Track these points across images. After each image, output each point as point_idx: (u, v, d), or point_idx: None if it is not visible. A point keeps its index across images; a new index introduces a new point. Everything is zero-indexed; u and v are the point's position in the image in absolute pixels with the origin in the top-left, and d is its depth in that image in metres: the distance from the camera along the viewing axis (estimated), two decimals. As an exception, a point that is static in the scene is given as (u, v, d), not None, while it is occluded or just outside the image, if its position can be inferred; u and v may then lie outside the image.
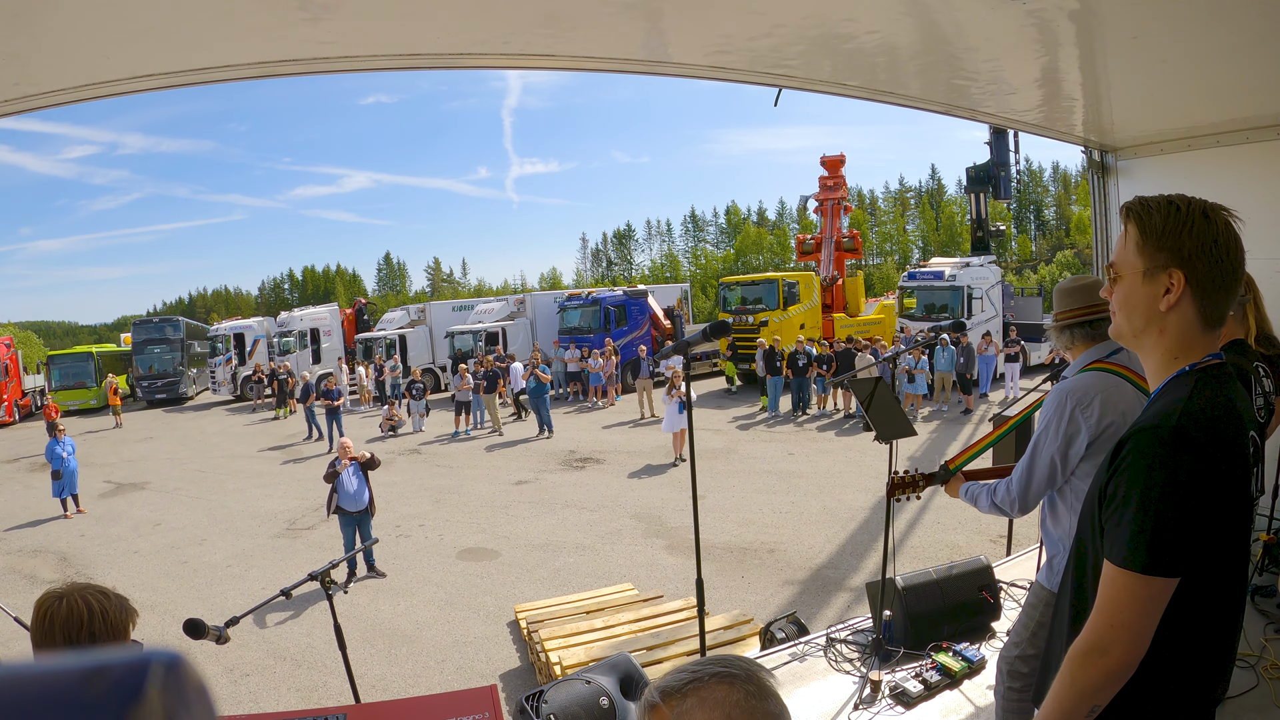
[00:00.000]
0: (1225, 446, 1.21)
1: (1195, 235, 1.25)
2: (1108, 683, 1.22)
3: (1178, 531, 1.17)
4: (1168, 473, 1.18)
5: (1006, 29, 2.51)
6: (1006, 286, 21.35)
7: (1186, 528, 1.17)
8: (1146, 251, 1.27)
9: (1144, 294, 1.28)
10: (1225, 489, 1.20)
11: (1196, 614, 1.24)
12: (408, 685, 5.12)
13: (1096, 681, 1.22)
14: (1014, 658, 2.41)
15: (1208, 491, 1.18)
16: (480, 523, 9.05)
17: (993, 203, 16.61)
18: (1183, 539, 1.17)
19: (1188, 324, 1.26)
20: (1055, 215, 60.23)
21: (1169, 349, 1.29)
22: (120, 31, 2.02)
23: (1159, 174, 4.13)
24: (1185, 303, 1.25)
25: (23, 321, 62.08)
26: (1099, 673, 1.21)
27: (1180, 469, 1.17)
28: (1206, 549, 1.20)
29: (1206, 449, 1.18)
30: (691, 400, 2.92)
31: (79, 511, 10.80)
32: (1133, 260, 1.29)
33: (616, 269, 68.44)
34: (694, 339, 2.60)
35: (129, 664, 0.31)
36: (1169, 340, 1.28)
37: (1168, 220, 1.27)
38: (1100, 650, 1.21)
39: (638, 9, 2.34)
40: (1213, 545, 1.21)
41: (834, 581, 6.55)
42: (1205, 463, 1.18)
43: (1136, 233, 1.29)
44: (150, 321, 29.54)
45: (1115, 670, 1.20)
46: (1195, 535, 1.18)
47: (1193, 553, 1.18)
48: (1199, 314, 1.26)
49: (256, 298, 69.41)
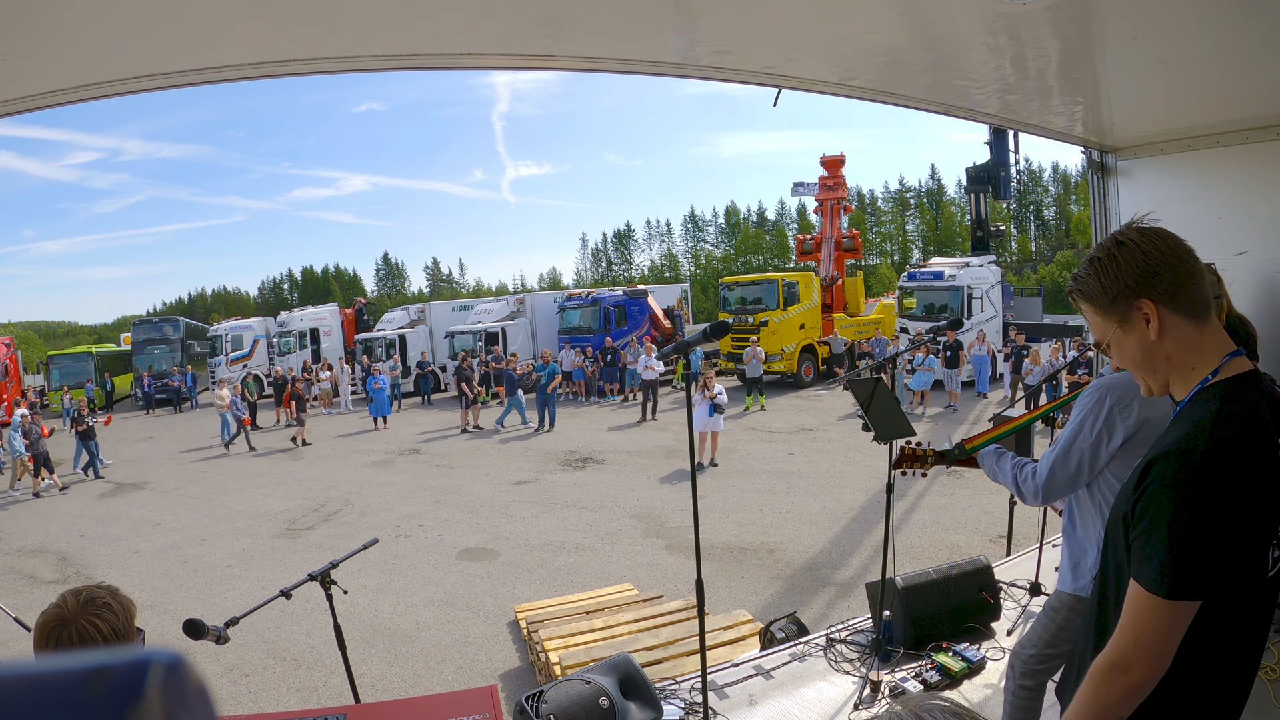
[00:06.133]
0: (1255, 466, 1.20)
1: (1127, 265, 1.31)
2: (1130, 698, 1.25)
3: (1204, 559, 1.18)
4: (1195, 500, 1.18)
5: (1006, 29, 2.51)
6: (1006, 286, 21.38)
7: (1212, 554, 1.19)
8: (1108, 310, 1.34)
9: (1134, 341, 1.33)
10: (1253, 511, 1.21)
11: (1220, 633, 1.26)
12: (408, 685, 5.12)
13: (1119, 697, 1.25)
14: (1030, 656, 2.40)
15: (1234, 516, 1.19)
16: (480, 523, 9.05)
17: (993, 203, 16.57)
18: (1208, 566, 1.19)
19: (1182, 332, 1.29)
20: (1055, 215, 60.18)
21: (1183, 363, 1.31)
22: (120, 31, 2.02)
23: (1159, 174, 4.12)
24: (1167, 318, 1.29)
25: (24, 322, 62.27)
26: (1121, 689, 1.25)
27: (1207, 497, 1.18)
28: (1232, 572, 1.21)
29: (1234, 474, 1.19)
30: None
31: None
32: (1104, 325, 1.36)
33: (616, 269, 68.45)
34: (694, 339, 2.59)
35: (129, 664, 0.31)
36: (1178, 357, 1.31)
37: (1101, 275, 1.34)
38: (1124, 668, 1.24)
39: (638, 9, 2.34)
40: (1238, 568, 1.22)
41: (834, 581, 6.55)
42: (1233, 488, 1.18)
43: (1089, 305, 1.38)
44: (150, 321, 29.59)
45: (1137, 687, 1.24)
46: (1221, 561, 1.19)
47: (1218, 577, 1.20)
48: (1184, 317, 1.29)
49: (256, 298, 69.42)
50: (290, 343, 24.76)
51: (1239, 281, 3.31)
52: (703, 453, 11.16)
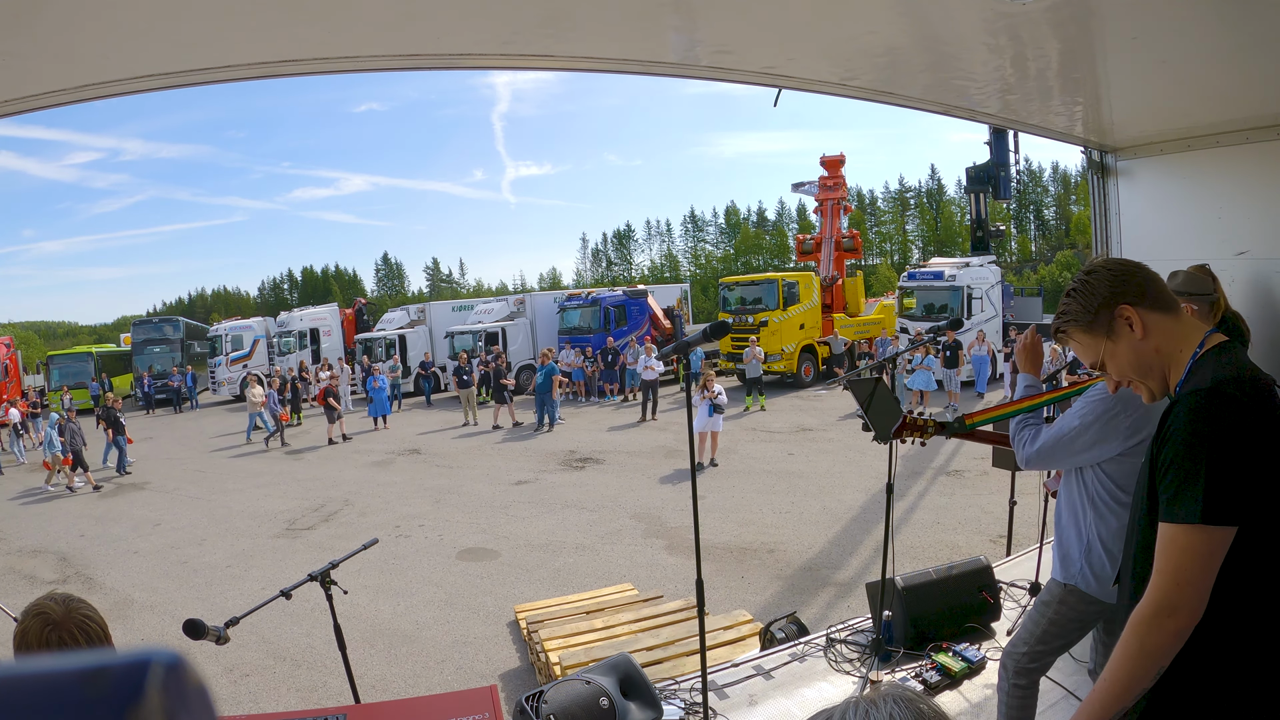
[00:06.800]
0: (1261, 402, 1.29)
1: (1100, 284, 1.47)
2: (1177, 642, 1.26)
3: (1230, 479, 1.24)
4: (1212, 425, 1.26)
5: (1006, 29, 2.51)
6: (1006, 286, 21.36)
7: (1238, 475, 1.24)
8: (1093, 327, 1.49)
9: (1125, 347, 1.46)
10: (1269, 440, 1.27)
11: (1264, 573, 1.28)
12: (408, 685, 5.12)
13: (1167, 643, 1.26)
14: (1022, 655, 2.40)
15: (1253, 441, 1.25)
16: (480, 523, 9.05)
17: (993, 203, 16.57)
18: (1236, 487, 1.24)
19: (1163, 326, 1.43)
20: (1055, 215, 60.14)
21: (1171, 352, 1.43)
22: (121, 31, 2.02)
23: (1159, 174, 4.12)
24: (1147, 316, 1.43)
25: (24, 322, 62.23)
26: (1168, 634, 1.26)
27: (1223, 420, 1.26)
28: (1262, 500, 1.25)
29: (1244, 403, 1.27)
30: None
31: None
32: (1094, 342, 1.50)
33: (616, 269, 68.42)
34: (694, 339, 2.59)
35: (129, 664, 0.31)
36: (1166, 347, 1.44)
37: (1080, 298, 1.51)
38: (1169, 611, 1.25)
39: (638, 9, 2.34)
40: (1268, 497, 1.26)
41: (834, 581, 6.55)
42: (1246, 415, 1.26)
43: (1077, 330, 1.52)
44: (150, 321, 29.60)
45: (1184, 628, 1.25)
46: (1248, 484, 1.24)
47: (1248, 501, 1.24)
48: (1161, 312, 1.44)
49: (256, 298, 69.37)
50: (290, 343, 24.75)
51: (1238, 281, 3.31)
52: (703, 453, 11.15)
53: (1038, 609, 2.43)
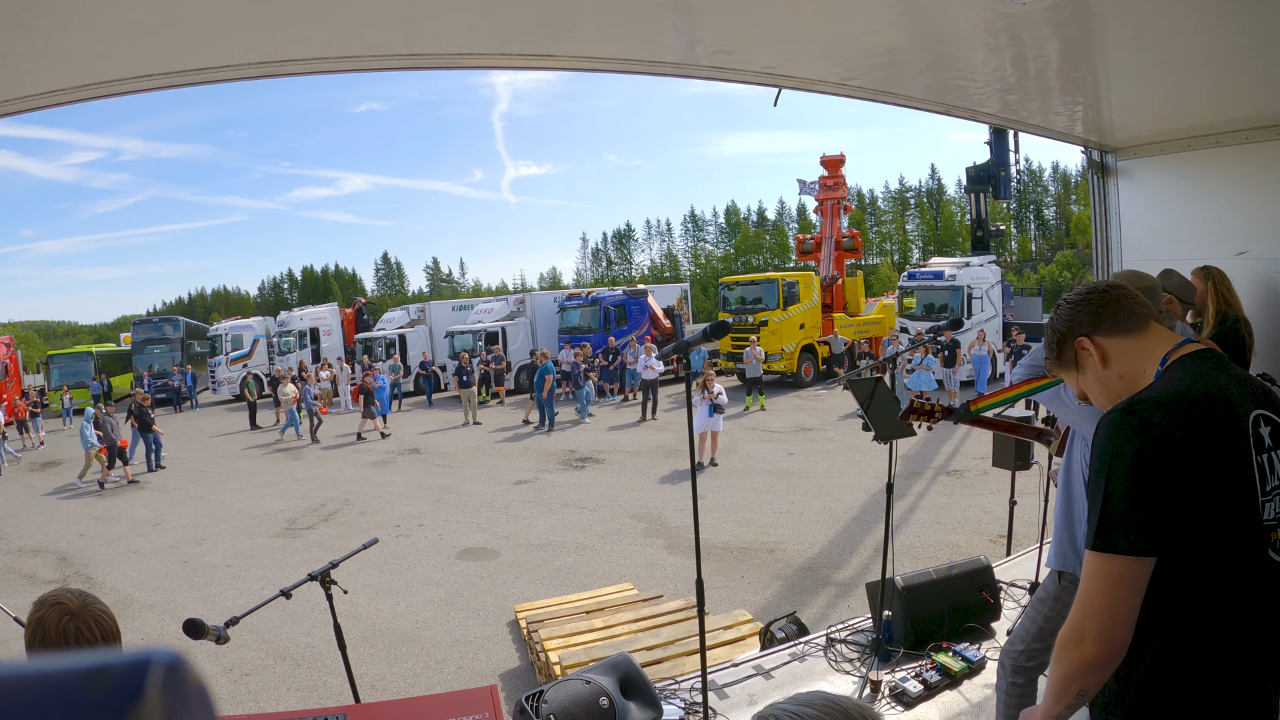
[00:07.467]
0: (1193, 423, 1.22)
1: (1057, 320, 1.49)
2: (1085, 671, 1.23)
3: (1133, 508, 1.19)
4: (1115, 452, 1.22)
5: (1006, 29, 2.51)
6: (1006, 286, 21.36)
7: (1142, 504, 1.18)
8: (1062, 363, 1.50)
9: (1091, 377, 1.46)
10: (1196, 466, 1.20)
11: (1202, 604, 1.22)
12: (408, 685, 5.12)
13: (1074, 669, 1.23)
14: (1019, 653, 2.41)
15: (1167, 468, 1.19)
16: (480, 523, 9.05)
17: (993, 203, 16.59)
18: (1133, 513, 1.18)
19: (1122, 349, 1.42)
20: (1055, 215, 60.17)
21: (1135, 374, 1.40)
22: (121, 31, 2.03)
23: (1159, 174, 4.12)
24: (1104, 343, 1.43)
25: (24, 321, 62.27)
26: (1073, 662, 1.23)
27: (1127, 443, 1.21)
28: (1185, 529, 1.19)
29: (1155, 423, 1.21)
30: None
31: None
32: (1070, 377, 1.52)
33: (616, 269, 68.43)
34: (694, 339, 2.59)
35: (129, 664, 0.31)
36: (1129, 370, 1.41)
37: (1047, 339, 1.54)
38: (1076, 638, 1.23)
39: (638, 9, 2.34)
40: (1195, 526, 1.19)
41: (834, 581, 6.55)
42: (1154, 436, 1.20)
43: (1054, 367, 1.55)
44: (150, 321, 29.60)
45: (1090, 659, 1.21)
46: (1150, 510, 1.18)
47: (1158, 531, 1.18)
48: (1120, 335, 1.42)
49: (256, 298, 69.40)
50: (290, 342, 24.74)
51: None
52: (703, 452, 11.15)
53: (1034, 606, 2.43)
